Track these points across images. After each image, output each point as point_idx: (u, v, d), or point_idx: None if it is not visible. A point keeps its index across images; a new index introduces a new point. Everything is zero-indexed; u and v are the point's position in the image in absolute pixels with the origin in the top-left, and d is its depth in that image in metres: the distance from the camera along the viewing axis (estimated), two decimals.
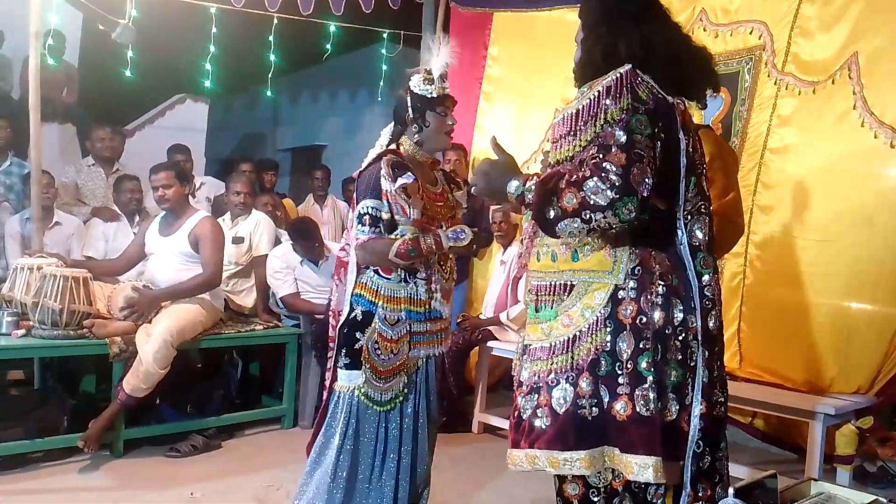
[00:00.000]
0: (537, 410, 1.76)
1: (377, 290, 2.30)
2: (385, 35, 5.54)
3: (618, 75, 1.68)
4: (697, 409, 1.72)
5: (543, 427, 1.74)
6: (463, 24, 5.08)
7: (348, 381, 2.30)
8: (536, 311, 1.85)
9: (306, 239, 4.10)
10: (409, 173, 2.22)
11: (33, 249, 3.66)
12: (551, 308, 1.81)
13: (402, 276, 2.30)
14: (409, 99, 2.30)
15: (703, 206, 1.79)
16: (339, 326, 2.32)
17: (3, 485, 2.96)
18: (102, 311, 3.40)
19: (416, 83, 2.29)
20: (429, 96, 2.28)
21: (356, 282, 2.31)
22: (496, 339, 4.11)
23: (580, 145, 1.70)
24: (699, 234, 1.77)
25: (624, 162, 1.58)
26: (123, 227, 4.24)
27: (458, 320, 4.14)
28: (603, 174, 1.58)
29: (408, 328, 2.31)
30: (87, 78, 6.02)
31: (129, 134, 5.40)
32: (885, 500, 1.45)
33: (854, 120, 3.33)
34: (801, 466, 3.24)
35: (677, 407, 1.73)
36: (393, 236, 2.24)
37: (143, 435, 3.48)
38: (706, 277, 1.75)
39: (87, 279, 3.31)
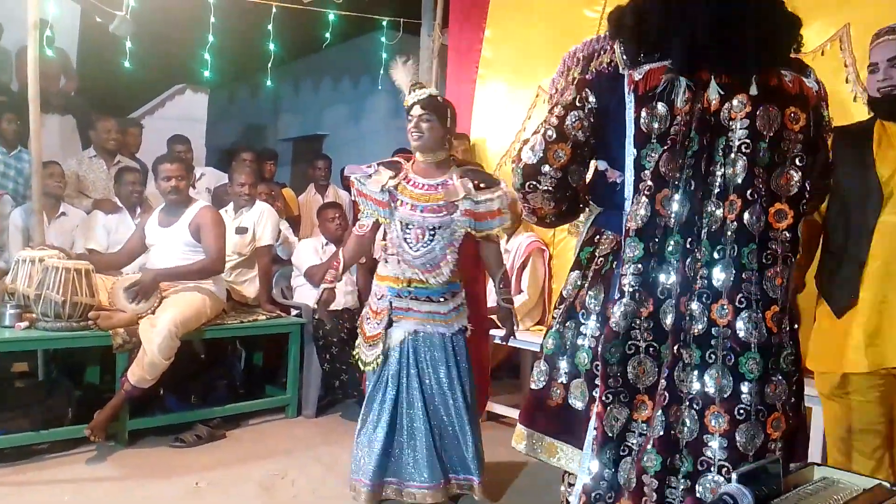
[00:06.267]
0: None
1: (377, 270, 2.72)
2: (384, 23, 5.52)
3: (571, 50, 1.72)
4: (594, 411, 1.60)
5: None
6: (462, 9, 5.03)
7: None
8: None
9: (332, 208, 4.53)
10: (374, 166, 2.64)
11: (36, 242, 3.66)
12: None
13: (385, 257, 2.66)
14: None
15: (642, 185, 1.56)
16: None
17: (9, 476, 2.98)
18: (104, 303, 3.41)
19: None
20: (406, 106, 2.59)
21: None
22: (497, 326, 4.09)
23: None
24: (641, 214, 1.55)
25: (536, 131, 1.69)
26: (125, 220, 4.23)
27: None
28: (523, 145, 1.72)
29: (388, 303, 2.62)
30: (86, 69, 6.00)
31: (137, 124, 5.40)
32: (888, 485, 1.45)
33: (846, 95, 3.11)
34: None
35: (586, 394, 1.64)
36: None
37: (147, 425, 3.50)
38: (630, 267, 1.54)
39: (90, 271, 3.32)
